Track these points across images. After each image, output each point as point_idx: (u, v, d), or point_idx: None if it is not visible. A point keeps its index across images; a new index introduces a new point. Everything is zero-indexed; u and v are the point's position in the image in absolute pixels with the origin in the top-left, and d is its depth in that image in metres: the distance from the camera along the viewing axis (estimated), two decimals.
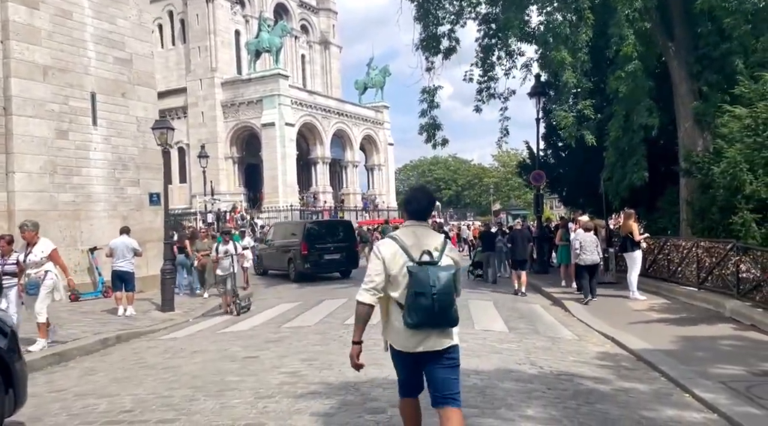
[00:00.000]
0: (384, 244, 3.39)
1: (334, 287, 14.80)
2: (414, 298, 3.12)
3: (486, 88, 16.89)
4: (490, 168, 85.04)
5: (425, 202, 3.48)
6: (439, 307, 3.10)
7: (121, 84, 14.01)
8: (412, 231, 3.36)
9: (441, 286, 3.12)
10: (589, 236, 11.40)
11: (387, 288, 3.27)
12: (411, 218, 3.46)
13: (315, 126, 46.20)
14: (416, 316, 3.12)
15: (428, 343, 3.20)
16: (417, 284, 3.12)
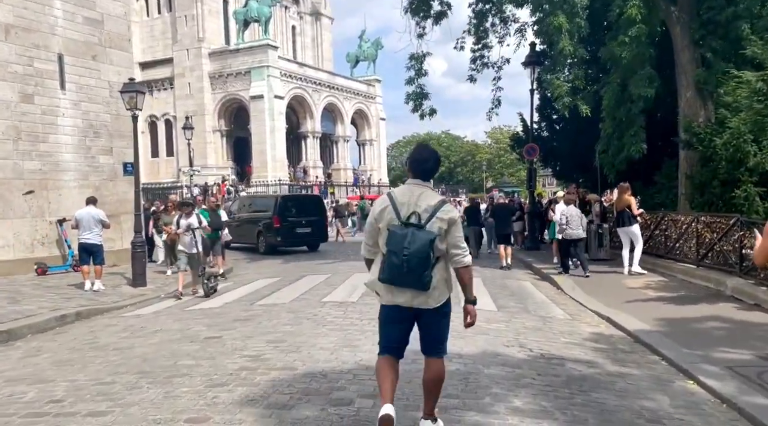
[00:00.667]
0: (379, 199, 3.51)
1: (319, 263, 14.23)
2: (387, 255, 3.21)
3: (479, 56, 16.19)
4: (483, 145, 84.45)
5: (431, 162, 3.46)
6: (407, 267, 3.14)
7: (91, 46, 13.18)
8: (410, 190, 3.38)
9: (414, 249, 3.15)
10: (575, 210, 11.06)
11: (378, 241, 3.35)
12: (414, 177, 3.44)
13: (305, 99, 45.17)
14: (387, 272, 3.22)
15: (413, 300, 3.27)
16: (391, 243, 3.19)
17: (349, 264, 13.52)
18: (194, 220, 10.00)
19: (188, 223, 9.88)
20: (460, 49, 16.19)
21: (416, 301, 3.27)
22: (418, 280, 3.19)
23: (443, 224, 3.28)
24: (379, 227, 3.34)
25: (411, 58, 13.59)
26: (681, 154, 12.14)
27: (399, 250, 3.16)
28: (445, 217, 3.30)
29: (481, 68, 16.32)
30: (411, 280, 3.19)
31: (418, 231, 3.21)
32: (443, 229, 3.28)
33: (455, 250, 3.33)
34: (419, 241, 3.17)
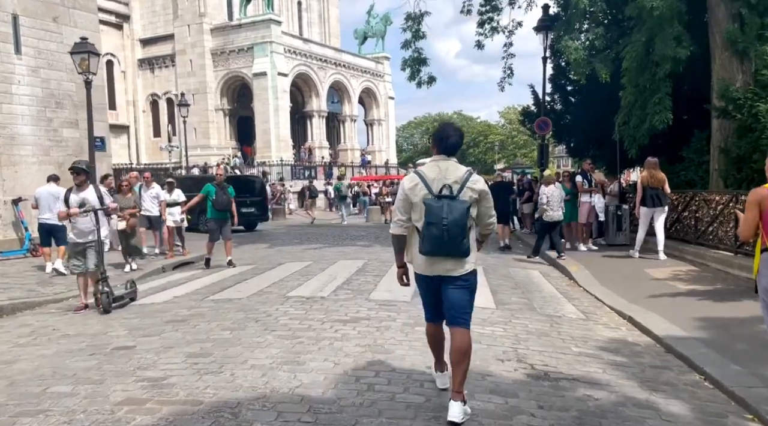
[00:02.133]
0: (407, 177, 3.67)
1: (306, 248, 12.94)
2: (427, 228, 3.40)
3: (488, 20, 14.63)
4: (495, 125, 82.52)
5: (455, 138, 3.65)
6: (448, 236, 3.36)
7: (52, 6, 11.86)
8: (437, 165, 3.56)
9: (453, 218, 3.36)
10: (557, 191, 10.47)
11: (412, 216, 3.54)
12: (439, 153, 3.62)
13: (310, 77, 43.64)
14: (428, 244, 3.40)
15: (442, 268, 3.47)
16: (430, 215, 3.39)
17: (337, 250, 12.24)
18: (89, 195, 6.83)
19: (82, 199, 6.77)
20: (467, 12, 14.61)
21: (445, 268, 3.47)
22: (458, 248, 3.40)
23: (474, 194, 3.49)
24: (412, 202, 3.52)
25: (407, 19, 12.11)
26: (714, 124, 10.61)
27: (438, 220, 3.35)
28: (476, 187, 3.51)
29: (491, 33, 14.77)
30: (452, 248, 3.39)
31: (453, 201, 3.40)
32: (474, 198, 3.49)
33: (488, 218, 3.63)
34: (456, 211, 3.37)
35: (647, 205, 10.10)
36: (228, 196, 10.04)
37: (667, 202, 10.10)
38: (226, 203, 10.00)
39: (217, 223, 10.15)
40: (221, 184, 10.16)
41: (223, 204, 9.95)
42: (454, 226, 3.35)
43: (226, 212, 10.09)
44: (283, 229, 19.21)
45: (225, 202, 9.98)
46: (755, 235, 3.51)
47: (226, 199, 10.00)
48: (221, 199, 9.91)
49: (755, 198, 3.45)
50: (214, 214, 10.13)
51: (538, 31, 15.59)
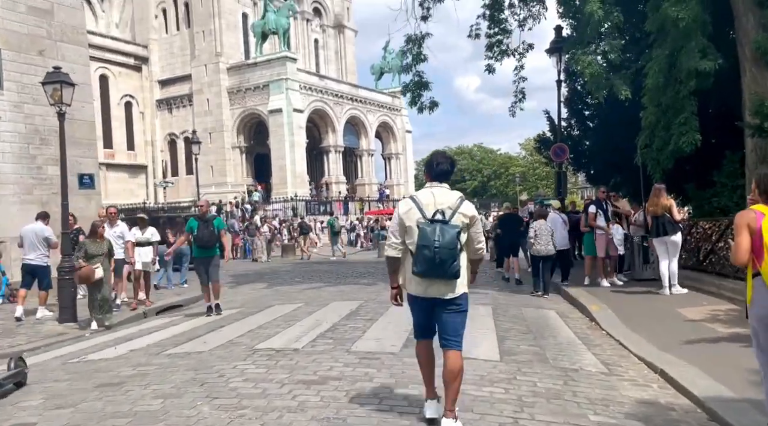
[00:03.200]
0: (403, 202, 3.90)
1: (304, 287, 12.02)
2: (419, 250, 3.59)
3: (497, 42, 13.87)
4: (516, 157, 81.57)
5: (445, 165, 3.85)
6: (439, 259, 3.54)
7: (37, 39, 11.44)
8: (431, 191, 3.78)
9: (444, 242, 3.55)
10: (544, 224, 10.01)
11: (405, 239, 3.73)
12: (434, 179, 3.83)
13: (326, 112, 43.47)
14: (420, 265, 3.59)
15: (434, 290, 3.67)
16: (422, 238, 3.58)
17: (336, 289, 11.31)
18: None
19: None
20: (474, 37, 13.88)
21: (438, 291, 3.67)
22: (448, 270, 3.57)
23: (465, 219, 3.70)
24: (406, 226, 3.72)
25: (408, 41, 11.38)
26: (748, 143, 9.54)
27: (430, 243, 3.55)
28: (467, 213, 3.71)
29: (500, 56, 13.99)
30: (442, 270, 3.57)
31: (445, 225, 3.60)
32: (465, 223, 3.69)
33: (476, 243, 3.83)
34: (447, 235, 3.57)
35: (652, 235, 9.52)
36: (212, 230, 8.85)
37: (676, 230, 9.21)
38: (207, 238, 8.77)
39: (202, 263, 8.94)
40: (205, 217, 9.03)
41: (204, 239, 8.76)
42: (445, 249, 3.53)
43: (210, 249, 8.89)
44: (289, 266, 18.37)
45: (206, 237, 8.76)
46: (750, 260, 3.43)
47: (208, 234, 8.78)
48: (202, 234, 8.75)
49: (743, 221, 3.44)
50: (196, 252, 8.99)
51: (550, 54, 14.81)
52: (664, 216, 9.26)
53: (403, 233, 3.73)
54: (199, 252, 8.97)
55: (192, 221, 9.06)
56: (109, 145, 42.79)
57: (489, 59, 14.00)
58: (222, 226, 9.24)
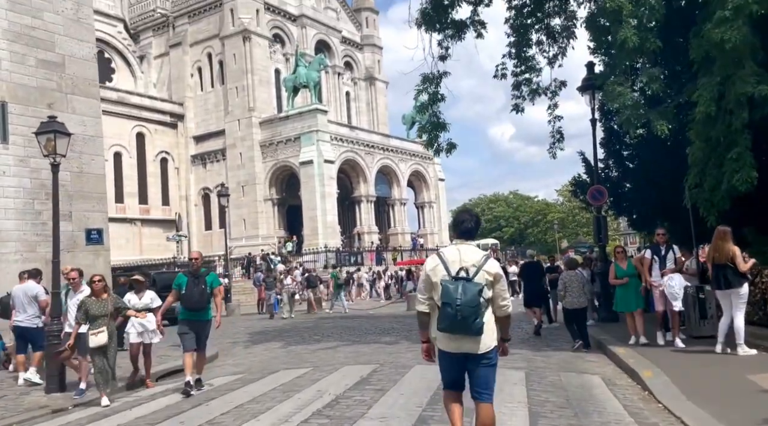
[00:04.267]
0: (430, 258, 4.04)
1: (319, 348, 11.06)
2: (442, 307, 3.72)
3: (525, 81, 13.10)
4: (554, 204, 79.87)
5: (470, 223, 4.01)
6: (461, 317, 3.64)
7: (47, 92, 11.21)
8: (457, 248, 3.92)
9: (465, 300, 3.64)
10: (574, 275, 9.74)
11: (432, 295, 3.87)
12: (459, 237, 4.01)
13: (357, 162, 43.28)
14: (443, 322, 3.72)
15: (463, 346, 3.76)
16: (445, 295, 3.70)
17: (353, 349, 10.33)
18: None
19: None
20: (501, 77, 13.15)
21: (467, 347, 3.75)
22: (470, 327, 3.67)
23: (489, 276, 3.77)
24: (432, 282, 3.84)
25: (424, 80, 10.67)
26: None
27: (452, 301, 3.65)
28: (491, 270, 3.79)
29: (530, 96, 13.18)
30: (465, 327, 3.67)
31: (468, 283, 3.69)
32: (489, 281, 3.77)
33: (501, 300, 3.86)
34: (469, 293, 3.66)
35: (713, 287, 8.30)
36: (203, 288, 7.47)
37: (743, 282, 7.92)
38: (197, 298, 7.39)
39: (190, 327, 7.49)
40: (197, 272, 7.63)
41: (193, 299, 7.38)
42: (466, 307, 3.61)
43: (200, 311, 7.49)
44: (312, 322, 17.43)
45: (196, 296, 7.38)
46: None
47: (198, 293, 7.39)
48: (191, 293, 7.39)
49: None
50: (183, 314, 7.57)
51: (583, 91, 13.95)
52: (727, 266, 7.97)
53: (429, 289, 3.85)
54: (186, 314, 7.57)
55: (181, 277, 7.73)
56: (144, 200, 43.43)
57: (517, 99, 13.23)
58: (216, 283, 7.84)
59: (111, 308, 7.28)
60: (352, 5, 54.72)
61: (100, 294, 7.36)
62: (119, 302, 7.38)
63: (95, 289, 7.28)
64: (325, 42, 49.63)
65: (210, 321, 7.73)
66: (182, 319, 7.62)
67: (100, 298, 7.35)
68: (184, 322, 7.58)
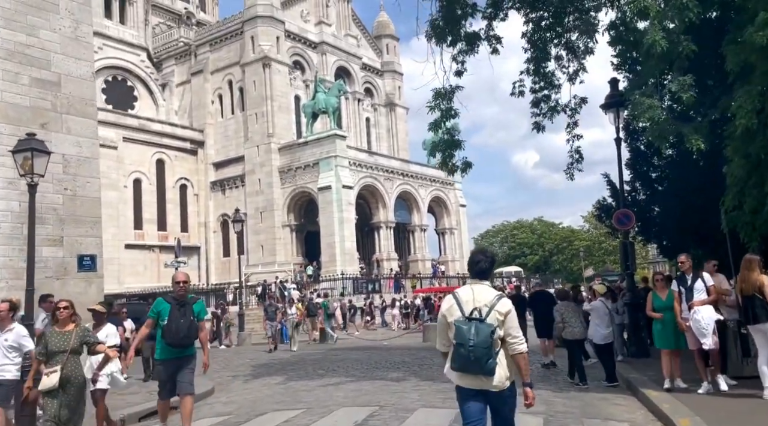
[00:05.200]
0: (446, 299, 4.10)
1: (320, 384, 10.22)
2: (456, 348, 3.79)
3: (544, 98, 12.38)
4: (580, 230, 78.11)
5: (485, 263, 4.05)
6: (474, 357, 3.70)
7: (40, 112, 10.78)
8: (471, 288, 3.98)
9: (478, 341, 3.69)
10: (570, 305, 9.54)
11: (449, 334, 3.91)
12: (473, 277, 4.05)
13: (377, 188, 42.67)
14: (456, 361, 3.80)
15: (477, 383, 3.82)
16: (458, 336, 3.76)
17: (356, 387, 9.46)
18: None
19: None
20: (518, 95, 12.44)
21: (483, 385, 3.79)
22: (483, 367, 3.71)
23: (500, 316, 3.81)
24: (447, 322, 3.91)
25: (436, 96, 9.96)
26: None
27: (465, 342, 3.71)
28: (502, 310, 3.83)
29: (549, 113, 12.45)
30: (477, 367, 3.72)
31: (480, 324, 3.75)
32: (501, 320, 3.81)
33: (510, 339, 3.84)
34: (482, 333, 3.71)
35: (744, 320, 7.54)
36: (191, 319, 6.23)
37: None
38: (184, 332, 6.15)
39: (170, 366, 6.29)
40: (183, 299, 6.29)
41: (180, 334, 6.13)
42: (479, 347, 3.68)
43: (184, 348, 6.27)
44: (321, 353, 16.57)
45: (184, 330, 6.14)
46: None
47: (186, 325, 6.14)
48: (177, 326, 6.11)
49: None
50: (164, 353, 6.27)
51: (606, 109, 13.14)
52: (755, 297, 7.08)
53: (446, 329, 3.93)
54: (167, 352, 6.24)
55: (161, 303, 6.35)
56: (163, 227, 43.32)
57: (536, 117, 12.49)
58: (203, 314, 6.57)
59: (75, 343, 5.89)
60: (372, 32, 54.83)
61: (65, 325, 6.04)
62: (87, 336, 6.17)
63: (60, 318, 5.97)
64: (345, 68, 49.63)
65: (194, 356, 6.48)
66: (163, 358, 6.30)
67: (63, 329, 6.00)
68: (166, 364, 6.28)
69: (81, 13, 11.49)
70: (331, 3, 49.70)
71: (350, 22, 51.36)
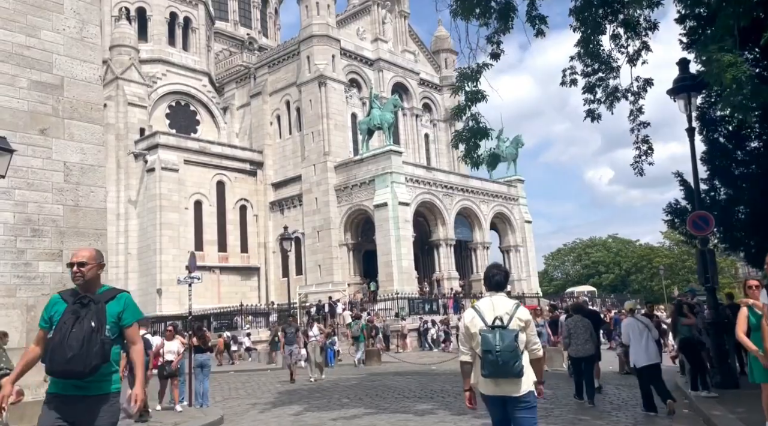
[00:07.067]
0: (468, 311, 4.46)
1: (336, 416, 8.82)
2: (484, 355, 4.10)
3: (598, 82, 10.71)
4: (659, 248, 73.06)
5: (500, 277, 4.44)
6: (502, 361, 4.02)
7: (39, 117, 10.11)
8: (490, 300, 4.36)
9: (504, 346, 4.03)
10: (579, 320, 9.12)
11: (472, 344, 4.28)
12: (490, 289, 4.47)
13: (435, 205, 41.12)
14: (486, 368, 4.08)
15: (503, 389, 4.12)
16: (484, 344, 4.10)
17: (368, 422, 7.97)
18: None
19: None
20: (570, 84, 10.84)
21: (507, 390, 4.10)
22: (511, 370, 4.03)
23: (521, 323, 4.18)
24: (471, 333, 4.26)
25: (460, 77, 8.44)
26: None
27: (492, 348, 4.03)
28: (523, 317, 4.20)
29: (608, 100, 10.77)
30: (506, 370, 4.03)
31: (503, 331, 4.08)
32: (522, 326, 4.17)
33: (531, 345, 4.23)
34: (506, 339, 4.04)
35: None
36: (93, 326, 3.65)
37: None
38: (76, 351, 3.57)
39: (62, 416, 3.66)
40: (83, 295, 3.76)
41: (64, 354, 3.58)
42: (506, 352, 4.00)
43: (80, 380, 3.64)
44: (357, 378, 15.11)
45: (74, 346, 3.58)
46: None
47: (78, 337, 3.58)
48: (63, 338, 3.60)
49: None
50: (52, 386, 3.75)
51: (675, 94, 11.22)
52: None
53: (469, 340, 4.28)
54: (54, 385, 3.77)
55: (55, 300, 3.90)
56: (223, 248, 43.43)
57: (590, 104, 10.80)
58: (130, 318, 3.89)
59: None
60: (430, 48, 53.86)
61: None
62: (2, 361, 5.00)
63: None
64: (402, 84, 48.76)
65: (107, 397, 3.77)
66: (50, 393, 3.77)
67: None
68: (53, 404, 3.73)
69: (88, 13, 10.87)
70: (387, 20, 49.16)
71: (407, 37, 50.59)
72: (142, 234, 40.72)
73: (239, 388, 14.56)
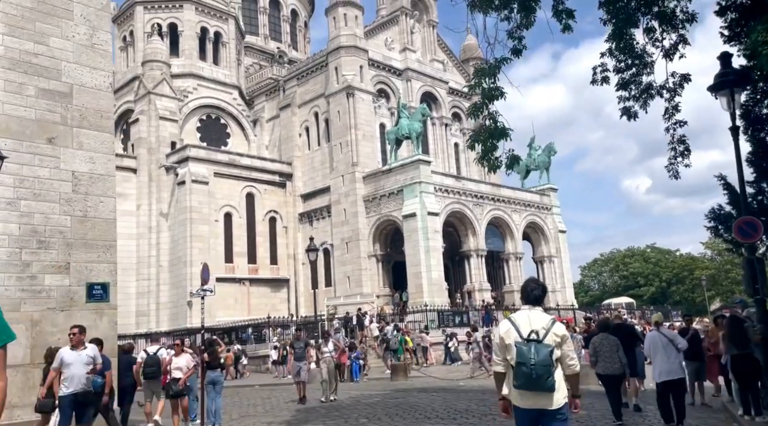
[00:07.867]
0: (503, 323, 4.52)
1: None
2: (518, 367, 4.17)
3: (633, 78, 10.03)
4: (701, 258, 70.45)
5: (538, 291, 4.55)
6: (536, 375, 4.08)
7: (47, 125, 9.88)
8: (527, 313, 4.41)
9: (539, 359, 4.09)
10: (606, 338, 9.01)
11: (506, 356, 4.31)
12: (527, 303, 4.55)
13: (465, 215, 40.31)
14: (519, 380, 4.15)
15: (536, 402, 4.15)
16: (520, 356, 4.16)
17: None
18: None
19: None
20: (601, 82, 10.18)
21: (541, 403, 4.14)
22: (544, 384, 4.08)
23: (557, 338, 4.23)
24: (506, 344, 4.28)
25: (476, 73, 7.83)
26: None
27: (526, 361, 4.09)
28: (559, 333, 4.25)
29: (642, 97, 10.08)
30: (539, 384, 4.07)
31: (539, 345, 4.13)
32: (557, 342, 4.22)
33: (569, 360, 4.29)
34: (542, 353, 4.09)
35: None
36: None
37: None
38: None
39: None
40: None
41: None
42: (540, 366, 4.05)
43: None
44: (381, 395, 14.45)
45: None
46: None
47: None
48: None
49: None
50: None
51: (716, 91, 10.36)
52: None
53: (504, 351, 4.29)
54: None
55: None
56: (252, 260, 43.39)
57: (625, 101, 10.08)
58: None
59: None
60: (459, 57, 53.32)
61: None
62: None
63: None
64: (430, 94, 48.26)
65: None
66: None
67: None
68: None
69: (98, 20, 10.67)
70: (416, 30, 48.85)
71: (435, 47, 50.15)
72: (173, 246, 40.94)
73: (257, 405, 14.07)
